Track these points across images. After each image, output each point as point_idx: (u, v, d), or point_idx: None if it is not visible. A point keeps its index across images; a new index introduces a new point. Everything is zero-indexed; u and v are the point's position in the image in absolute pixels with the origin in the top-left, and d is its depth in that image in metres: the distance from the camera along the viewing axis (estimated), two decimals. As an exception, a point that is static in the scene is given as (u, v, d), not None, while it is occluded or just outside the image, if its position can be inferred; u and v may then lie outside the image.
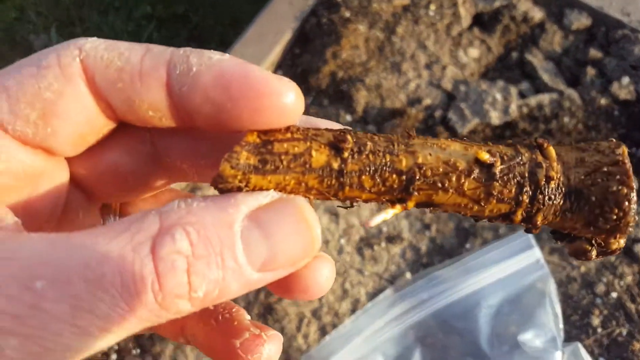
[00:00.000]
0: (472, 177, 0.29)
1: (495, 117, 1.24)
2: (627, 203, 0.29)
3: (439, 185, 0.29)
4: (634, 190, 0.29)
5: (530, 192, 0.29)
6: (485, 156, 0.29)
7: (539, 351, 0.97)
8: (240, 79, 0.28)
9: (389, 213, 0.31)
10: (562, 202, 0.30)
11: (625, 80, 1.33)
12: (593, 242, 0.31)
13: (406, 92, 1.29)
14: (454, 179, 0.29)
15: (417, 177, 0.29)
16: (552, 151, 0.30)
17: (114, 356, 1.10)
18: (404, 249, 1.20)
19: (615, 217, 0.29)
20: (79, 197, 0.35)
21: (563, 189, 0.30)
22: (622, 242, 0.30)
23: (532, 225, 0.31)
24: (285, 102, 0.28)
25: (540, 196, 0.29)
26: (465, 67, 1.34)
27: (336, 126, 0.32)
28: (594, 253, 0.31)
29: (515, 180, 0.29)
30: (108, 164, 0.33)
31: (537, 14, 1.42)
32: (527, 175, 0.29)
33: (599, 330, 1.10)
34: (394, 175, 0.29)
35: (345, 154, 0.29)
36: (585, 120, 1.31)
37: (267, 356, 0.32)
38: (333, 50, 1.32)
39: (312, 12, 1.37)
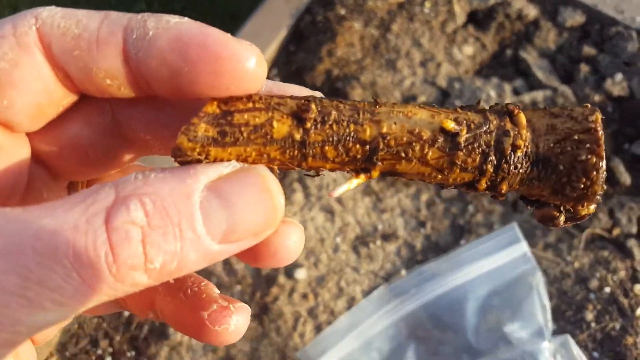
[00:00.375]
0: (435, 146, 0.29)
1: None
2: (595, 172, 0.28)
3: (402, 155, 0.29)
4: (604, 159, 0.28)
5: (495, 162, 0.29)
6: (450, 125, 0.29)
7: (524, 342, 0.98)
8: (198, 41, 0.27)
9: (352, 183, 0.30)
10: (528, 170, 0.29)
11: (619, 76, 1.34)
12: (561, 208, 0.30)
13: (401, 90, 1.29)
14: (417, 148, 0.29)
15: (381, 147, 0.29)
16: (522, 118, 0.29)
17: (108, 358, 1.10)
18: (399, 246, 1.21)
19: (582, 186, 0.28)
20: (43, 174, 0.34)
21: (530, 157, 0.29)
22: (591, 208, 0.30)
23: (497, 193, 0.30)
24: (246, 66, 0.27)
25: (505, 165, 0.29)
26: (460, 64, 1.34)
27: (304, 92, 0.31)
28: (562, 219, 0.30)
29: (480, 149, 0.29)
30: (68, 138, 0.32)
31: (532, 12, 1.43)
32: (492, 144, 0.29)
33: (593, 325, 1.11)
34: (358, 146, 0.29)
35: (308, 125, 0.28)
36: (579, 117, 1.32)
37: (235, 327, 0.32)
38: (328, 48, 1.32)
39: (307, 10, 1.37)
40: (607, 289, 1.15)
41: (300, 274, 1.17)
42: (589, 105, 0.29)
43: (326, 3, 1.36)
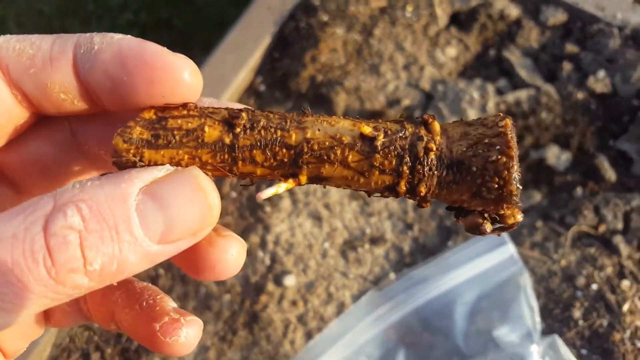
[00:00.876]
0: (355, 149, 0.31)
1: (472, 116, 1.25)
2: (506, 172, 0.29)
3: (325, 158, 0.31)
4: (514, 159, 0.29)
5: (410, 163, 0.30)
6: (368, 130, 0.31)
7: (514, 346, 0.99)
8: (136, 54, 0.29)
9: (281, 187, 0.32)
10: (444, 173, 0.31)
11: (601, 74, 1.35)
12: (485, 215, 0.31)
13: (385, 94, 1.30)
14: (338, 152, 0.31)
15: (305, 151, 0.31)
16: (435, 125, 0.31)
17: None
18: (387, 250, 1.22)
19: (496, 185, 0.30)
20: (6, 190, 0.36)
21: (445, 160, 0.30)
22: (518, 216, 0.31)
23: (418, 197, 0.32)
24: (180, 76, 0.30)
25: (420, 167, 0.30)
26: (443, 67, 1.35)
27: (238, 106, 0.33)
28: (488, 226, 0.32)
29: (396, 152, 0.31)
30: (30, 155, 0.34)
31: (514, 11, 1.43)
32: (407, 147, 0.31)
33: (580, 322, 1.11)
34: (284, 150, 0.31)
35: (238, 130, 0.30)
36: (563, 114, 1.32)
37: (185, 339, 0.33)
38: (312, 54, 1.32)
39: (290, 17, 1.38)
40: (594, 286, 1.16)
41: (289, 280, 1.17)
42: (501, 114, 0.31)
43: (309, 9, 1.36)
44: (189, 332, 0.33)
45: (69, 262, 0.25)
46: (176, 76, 0.29)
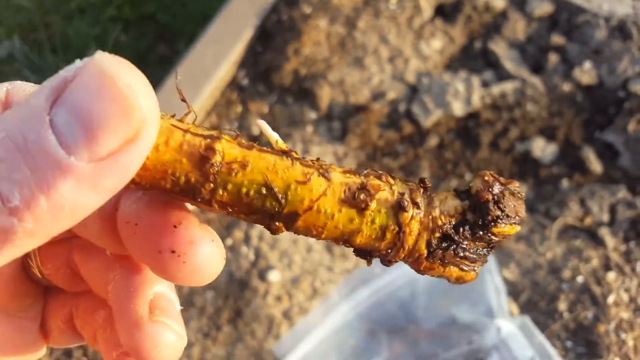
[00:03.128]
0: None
1: (457, 109, 1.24)
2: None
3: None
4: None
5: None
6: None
7: (472, 323, 1.00)
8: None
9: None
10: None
11: (587, 65, 1.34)
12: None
13: (370, 87, 1.29)
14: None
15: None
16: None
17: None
18: (372, 244, 1.21)
19: None
20: None
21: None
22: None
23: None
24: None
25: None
26: (428, 59, 1.34)
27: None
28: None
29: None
30: None
31: (499, 3, 1.42)
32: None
33: (565, 314, 1.11)
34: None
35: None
36: (549, 106, 1.32)
37: None
38: (295, 47, 1.31)
39: (273, 9, 1.36)
40: (580, 278, 1.15)
41: (274, 276, 1.16)
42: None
43: (291, 1, 1.35)
44: None
45: None
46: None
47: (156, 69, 1.71)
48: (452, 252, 0.28)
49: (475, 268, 0.30)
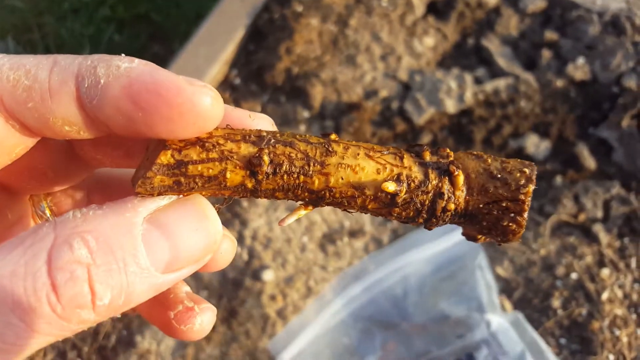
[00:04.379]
0: (375, 201, 0.32)
1: (450, 106, 1.24)
2: (511, 235, 0.32)
3: (346, 204, 0.32)
4: (524, 227, 0.31)
5: (426, 216, 0.32)
6: (390, 188, 0.31)
7: (463, 318, 1.01)
8: (150, 89, 0.27)
9: (301, 213, 0.33)
10: (456, 219, 0.33)
11: (580, 60, 1.33)
12: (484, 232, 0.34)
13: (362, 85, 1.28)
14: (359, 200, 0.32)
15: (327, 197, 0.32)
16: (459, 180, 0.32)
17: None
18: (366, 242, 1.21)
19: (499, 239, 0.33)
20: (3, 196, 0.35)
21: (459, 212, 0.32)
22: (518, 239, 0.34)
23: (427, 228, 0.34)
24: (201, 109, 0.28)
25: (434, 219, 0.32)
26: (421, 57, 1.33)
27: (261, 119, 0.33)
28: (482, 239, 0.35)
29: (414, 207, 0.32)
30: (27, 163, 0.33)
31: (492, -1, 1.42)
32: (427, 203, 0.32)
33: (559, 311, 1.11)
34: (306, 193, 0.32)
35: (260, 177, 0.30)
36: (542, 103, 1.31)
37: (200, 327, 0.34)
38: (287, 45, 1.30)
39: (264, 8, 1.36)
40: (574, 275, 1.15)
41: (268, 275, 1.16)
42: (527, 171, 0.31)
43: (283, 0, 1.34)
44: (203, 319, 0.34)
45: (77, 298, 0.24)
46: (198, 110, 0.28)
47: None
48: None
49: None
